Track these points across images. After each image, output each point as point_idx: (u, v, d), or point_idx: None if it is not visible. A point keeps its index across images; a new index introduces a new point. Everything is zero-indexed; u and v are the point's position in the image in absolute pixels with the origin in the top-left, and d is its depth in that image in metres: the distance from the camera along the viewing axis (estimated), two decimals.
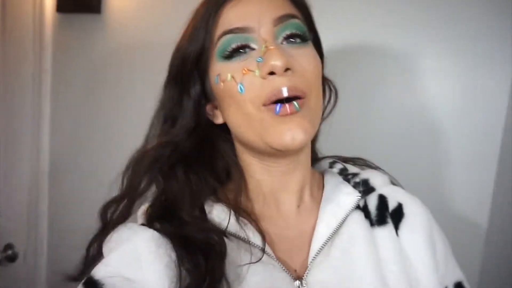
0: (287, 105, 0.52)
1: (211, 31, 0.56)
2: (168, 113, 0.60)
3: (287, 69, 0.52)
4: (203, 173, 0.60)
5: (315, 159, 0.69)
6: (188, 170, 0.59)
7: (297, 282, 0.54)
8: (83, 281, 0.52)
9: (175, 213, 0.56)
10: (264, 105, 0.53)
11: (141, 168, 0.59)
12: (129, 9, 1.16)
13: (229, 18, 0.55)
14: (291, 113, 0.52)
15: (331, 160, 0.69)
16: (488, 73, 0.89)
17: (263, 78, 0.53)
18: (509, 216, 0.94)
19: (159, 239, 0.53)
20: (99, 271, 0.52)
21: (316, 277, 0.55)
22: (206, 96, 0.60)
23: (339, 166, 0.67)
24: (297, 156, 0.60)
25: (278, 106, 0.52)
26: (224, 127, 0.61)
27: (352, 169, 0.67)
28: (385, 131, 0.95)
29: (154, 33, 1.14)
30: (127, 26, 1.17)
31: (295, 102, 0.53)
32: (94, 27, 1.19)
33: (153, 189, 0.60)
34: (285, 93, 0.52)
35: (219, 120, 0.61)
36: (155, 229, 0.54)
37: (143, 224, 0.57)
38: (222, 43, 0.55)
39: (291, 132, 0.52)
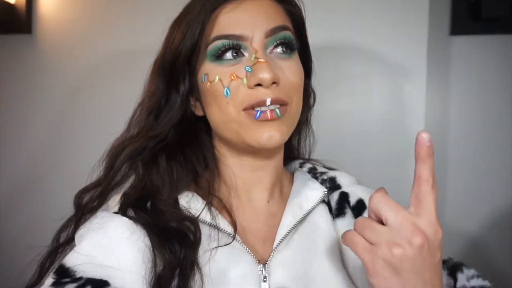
0: (268, 111, 0.55)
1: (205, 31, 0.57)
2: (154, 104, 0.61)
3: (273, 83, 0.55)
4: (184, 162, 0.61)
5: (288, 159, 0.72)
6: (170, 159, 0.60)
7: (261, 265, 0.57)
8: (54, 269, 0.52)
9: (151, 202, 0.57)
10: (244, 109, 0.56)
11: (123, 156, 0.60)
12: (61, 29, 1.15)
13: (225, 22, 0.57)
14: (271, 119, 0.55)
15: (301, 161, 0.73)
16: (404, 77, 0.98)
17: (250, 88, 0.55)
18: (440, 207, 1.02)
19: (132, 225, 0.54)
20: (71, 259, 0.52)
21: (279, 260, 0.58)
22: (191, 89, 0.62)
23: (308, 165, 0.72)
24: (271, 154, 0.63)
25: (258, 112, 0.55)
26: (204, 118, 0.63)
27: (321, 169, 0.71)
28: (321, 133, 1.00)
29: (86, 53, 1.13)
30: (58, 46, 1.15)
31: (277, 109, 0.56)
32: (25, 47, 1.16)
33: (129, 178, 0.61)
34: (269, 103, 0.55)
35: (199, 112, 0.63)
36: (129, 216, 0.55)
37: (116, 213, 0.57)
38: (215, 46, 0.57)
39: (269, 133, 0.56)
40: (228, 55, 0.57)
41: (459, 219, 1.02)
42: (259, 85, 0.55)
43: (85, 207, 0.60)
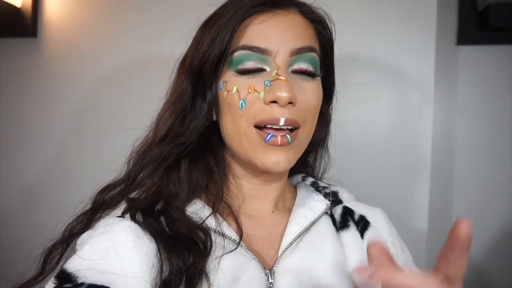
0: (279, 136, 0.55)
1: (233, 39, 0.56)
2: (181, 107, 0.59)
3: (289, 103, 0.54)
4: (203, 168, 0.60)
5: (291, 173, 0.72)
6: (192, 165, 0.60)
7: (267, 271, 0.57)
8: (55, 274, 0.50)
9: (165, 208, 0.56)
10: (256, 126, 0.55)
11: (148, 158, 0.59)
12: (66, 33, 1.14)
13: (252, 33, 0.56)
14: (281, 144, 0.55)
15: (303, 174, 0.73)
16: (411, 86, 0.98)
17: (265, 103, 0.55)
18: (447, 216, 1.01)
19: (138, 229, 0.53)
20: (73, 264, 0.50)
21: (284, 266, 0.58)
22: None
23: (310, 179, 0.71)
24: (278, 174, 0.63)
25: (268, 136, 0.55)
26: (217, 123, 0.62)
27: (322, 183, 0.71)
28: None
29: (91, 56, 1.13)
30: (63, 50, 1.15)
31: (288, 136, 0.55)
32: (30, 51, 1.16)
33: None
34: (282, 123, 0.54)
35: (214, 118, 0.61)
36: (136, 221, 0.54)
37: (120, 216, 0.56)
38: (238, 56, 0.56)
39: (276, 158, 0.55)
40: (250, 67, 0.56)
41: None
42: (275, 102, 0.54)
43: (104, 204, 0.59)
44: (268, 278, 0.56)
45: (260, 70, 0.56)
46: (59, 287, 0.49)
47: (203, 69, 0.58)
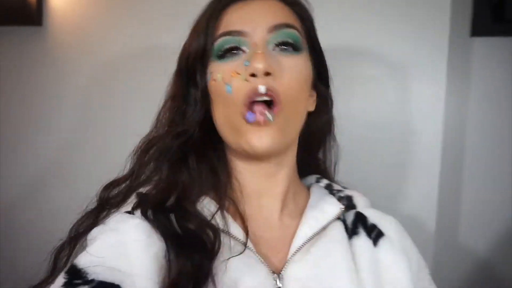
0: (257, 113, 0.55)
1: (212, 31, 0.58)
2: (178, 104, 0.62)
3: (268, 74, 0.55)
4: (209, 164, 0.61)
5: (304, 173, 0.71)
6: (199, 160, 0.60)
7: (275, 275, 0.56)
8: (66, 269, 0.51)
9: (179, 202, 0.56)
10: (245, 104, 0.56)
11: (152, 152, 0.60)
12: (71, 21, 1.13)
13: (229, 20, 0.58)
14: (264, 124, 0.55)
15: (318, 176, 0.72)
16: (424, 79, 0.95)
17: (247, 80, 0.56)
18: (456, 214, 1.00)
19: (147, 227, 0.53)
20: (83, 260, 0.51)
21: (293, 271, 0.57)
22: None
23: (325, 181, 0.70)
24: (280, 159, 0.62)
25: (249, 115, 0.55)
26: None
27: (337, 186, 0.70)
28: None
29: (97, 45, 1.11)
30: (69, 39, 1.13)
31: (267, 113, 0.55)
32: (35, 39, 1.14)
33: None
34: (262, 90, 0.55)
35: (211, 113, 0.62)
36: (147, 218, 0.54)
37: (129, 212, 0.56)
38: (218, 44, 0.58)
39: (259, 137, 0.55)
40: (230, 53, 0.57)
41: (476, 222, 0.99)
42: (254, 75, 0.55)
43: (109, 200, 0.59)
44: (276, 282, 0.55)
45: (238, 52, 0.57)
46: (69, 282, 0.49)
47: (189, 63, 0.60)
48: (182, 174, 0.59)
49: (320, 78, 0.65)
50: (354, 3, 0.98)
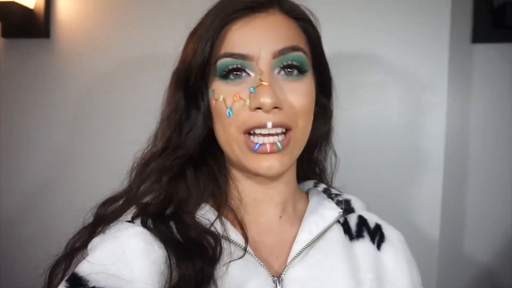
0: (267, 145, 0.54)
1: (215, 47, 0.56)
2: (177, 120, 0.60)
3: (275, 107, 0.54)
4: (207, 173, 0.60)
5: (302, 178, 0.71)
6: (197, 171, 0.60)
7: (275, 279, 0.56)
8: (66, 277, 0.51)
9: (176, 214, 0.56)
10: (245, 133, 0.55)
11: (150, 170, 0.59)
12: (79, 34, 1.15)
13: (233, 40, 0.56)
14: (271, 152, 0.54)
15: (315, 181, 0.72)
16: (425, 85, 0.96)
17: (251, 110, 0.54)
18: (460, 220, 0.99)
19: (148, 235, 0.53)
20: (84, 268, 0.51)
21: (293, 275, 0.57)
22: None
23: (323, 186, 0.70)
24: (277, 176, 0.61)
25: (257, 145, 0.55)
26: None
27: (334, 190, 0.70)
28: (338, 142, 0.99)
29: (104, 58, 1.13)
30: (76, 51, 1.15)
31: (278, 143, 0.55)
32: (43, 51, 1.17)
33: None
34: (270, 126, 0.54)
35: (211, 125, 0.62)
36: (147, 227, 0.54)
37: (129, 221, 0.56)
38: (222, 64, 0.56)
39: (268, 163, 0.55)
40: (233, 74, 0.56)
41: (480, 229, 0.99)
42: (260, 108, 0.54)
43: (105, 218, 0.59)
44: (276, 286, 0.56)
45: (244, 72, 0.56)
46: None
47: (190, 80, 0.58)
48: (180, 187, 0.58)
49: (323, 90, 0.64)
50: (355, 10, 0.99)
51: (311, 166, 0.71)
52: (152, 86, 1.06)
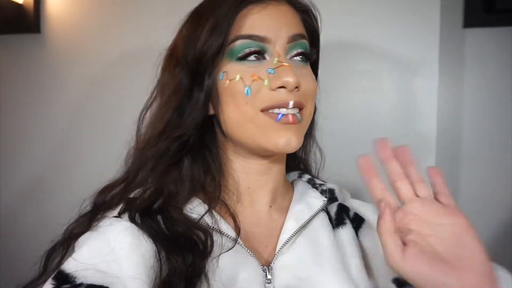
0: (290, 115, 0.56)
1: (231, 30, 0.57)
2: (179, 100, 0.60)
3: (296, 87, 0.56)
4: (202, 165, 0.61)
5: (287, 169, 0.72)
6: (193, 162, 0.60)
7: (264, 268, 0.57)
8: (52, 275, 0.50)
9: (165, 208, 0.56)
10: (263, 111, 0.56)
11: (147, 156, 0.59)
12: (69, 28, 1.15)
13: (251, 23, 0.57)
14: (293, 122, 0.57)
15: (299, 171, 0.73)
16: (416, 71, 0.96)
17: (272, 89, 0.56)
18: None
19: (135, 230, 0.54)
20: (71, 265, 0.50)
21: (282, 262, 0.58)
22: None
23: (307, 176, 0.72)
24: (278, 157, 0.64)
25: (279, 115, 0.56)
26: (211, 118, 0.62)
27: (318, 180, 0.72)
28: (331, 131, 0.99)
29: (95, 52, 1.13)
30: (67, 46, 1.15)
31: (298, 114, 0.57)
32: (34, 47, 1.16)
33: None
34: (291, 106, 0.56)
35: (210, 111, 0.61)
36: (134, 222, 0.54)
37: (117, 216, 0.56)
38: (238, 46, 0.57)
39: (288, 137, 0.56)
40: (250, 56, 0.57)
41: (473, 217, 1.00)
42: (281, 87, 0.56)
43: (104, 205, 0.59)
44: (266, 274, 0.57)
45: (260, 57, 0.57)
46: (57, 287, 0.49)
47: (201, 61, 0.58)
48: (171, 178, 0.58)
49: None
50: None
51: (294, 161, 0.73)
52: (146, 80, 1.07)
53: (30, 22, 1.15)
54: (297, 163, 0.74)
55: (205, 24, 0.58)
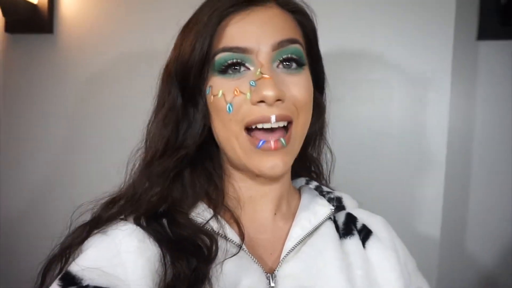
0: (272, 142, 0.54)
1: (213, 42, 0.55)
2: (174, 121, 0.58)
3: (278, 100, 0.53)
4: (203, 173, 0.60)
5: (294, 176, 0.71)
6: (193, 172, 0.59)
7: (268, 275, 0.56)
8: (59, 276, 0.50)
9: (170, 214, 0.56)
10: (247, 128, 0.54)
11: (150, 173, 0.58)
12: (82, 29, 1.16)
13: (231, 34, 0.55)
14: (275, 149, 0.54)
15: (307, 178, 0.72)
16: (428, 83, 0.95)
17: (253, 104, 0.53)
18: (461, 221, 0.98)
19: (141, 233, 0.53)
20: (77, 266, 0.50)
21: (286, 271, 0.57)
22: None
23: (314, 183, 0.70)
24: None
25: (260, 142, 0.54)
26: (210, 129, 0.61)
27: (326, 188, 0.70)
28: (340, 139, 0.98)
29: (108, 52, 1.14)
30: (80, 46, 1.16)
31: (282, 139, 0.54)
32: (46, 47, 1.17)
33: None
34: (273, 120, 0.53)
35: (208, 122, 0.60)
36: (140, 225, 0.54)
37: (122, 219, 0.55)
38: (219, 59, 0.55)
39: (272, 163, 0.54)
40: (232, 69, 0.55)
41: (482, 230, 0.98)
42: (262, 101, 0.53)
43: (107, 219, 0.58)
44: (269, 282, 0.56)
45: (244, 68, 0.55)
46: None
47: (188, 77, 0.57)
48: (175, 187, 0.57)
49: (317, 85, 0.64)
50: (358, 7, 0.98)
51: (305, 163, 0.71)
52: (157, 82, 1.07)
53: (44, 23, 1.16)
54: (307, 166, 0.72)
55: (188, 38, 0.57)
